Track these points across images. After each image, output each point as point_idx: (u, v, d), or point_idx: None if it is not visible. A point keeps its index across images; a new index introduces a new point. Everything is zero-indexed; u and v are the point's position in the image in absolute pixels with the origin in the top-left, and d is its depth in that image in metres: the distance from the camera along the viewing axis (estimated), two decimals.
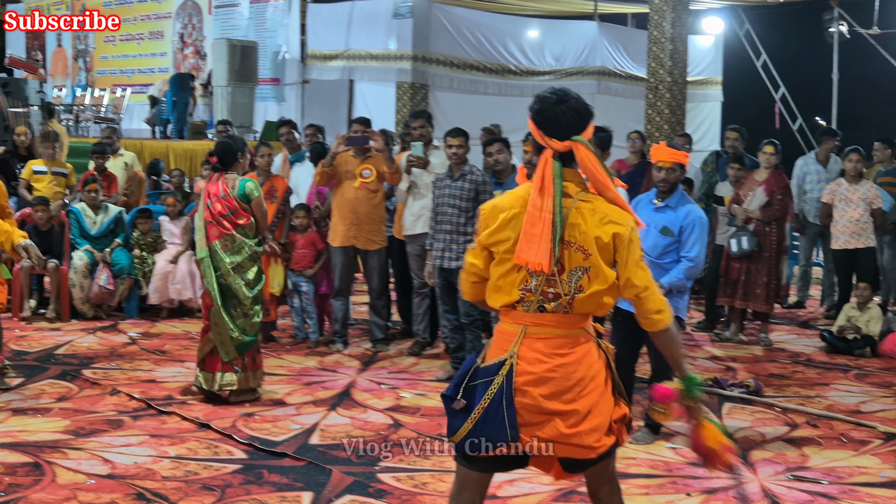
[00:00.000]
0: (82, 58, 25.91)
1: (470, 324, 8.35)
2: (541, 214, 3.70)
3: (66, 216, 11.05)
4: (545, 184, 3.71)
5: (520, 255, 3.73)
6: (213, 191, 7.74)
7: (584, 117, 3.79)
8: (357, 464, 6.21)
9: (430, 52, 19.13)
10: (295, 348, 9.57)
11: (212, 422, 6.99)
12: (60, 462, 6.09)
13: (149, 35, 23.55)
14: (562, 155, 3.76)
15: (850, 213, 10.52)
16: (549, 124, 3.77)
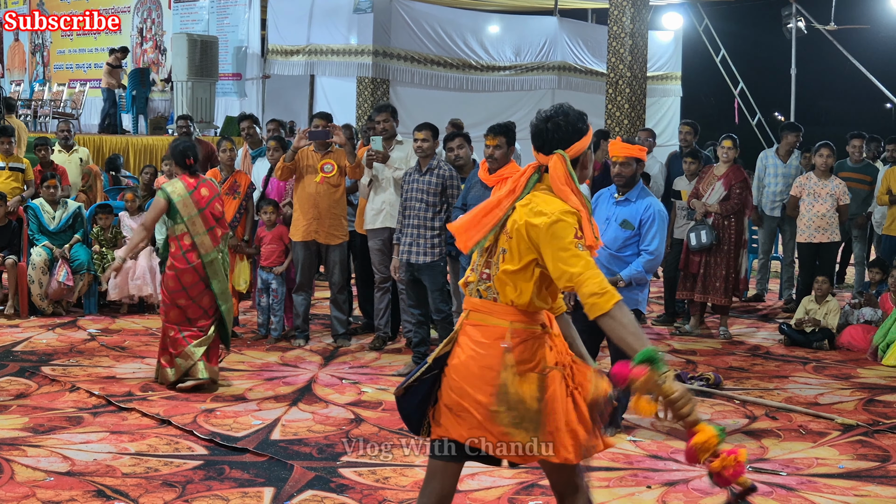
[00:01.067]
0: (39, 52, 25.67)
1: (442, 320, 8.36)
2: (495, 210, 3.92)
3: (25, 211, 10.95)
4: (516, 188, 3.91)
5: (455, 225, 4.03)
6: (205, 193, 7.83)
7: (567, 133, 3.91)
8: (318, 459, 6.19)
9: (391, 47, 19.11)
10: (256, 344, 9.53)
11: (172, 418, 6.95)
12: (19, 459, 6.03)
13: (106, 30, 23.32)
14: (546, 167, 3.91)
15: (818, 207, 10.61)
16: (536, 138, 3.95)
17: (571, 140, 3.90)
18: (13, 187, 11.52)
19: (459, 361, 3.89)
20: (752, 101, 23.63)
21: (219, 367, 7.97)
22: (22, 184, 11.76)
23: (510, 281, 3.83)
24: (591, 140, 3.98)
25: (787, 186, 11.39)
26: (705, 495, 5.65)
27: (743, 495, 3.70)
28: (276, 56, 20.21)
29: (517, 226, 3.81)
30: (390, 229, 8.89)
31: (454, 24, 20.56)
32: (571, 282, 3.69)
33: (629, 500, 5.63)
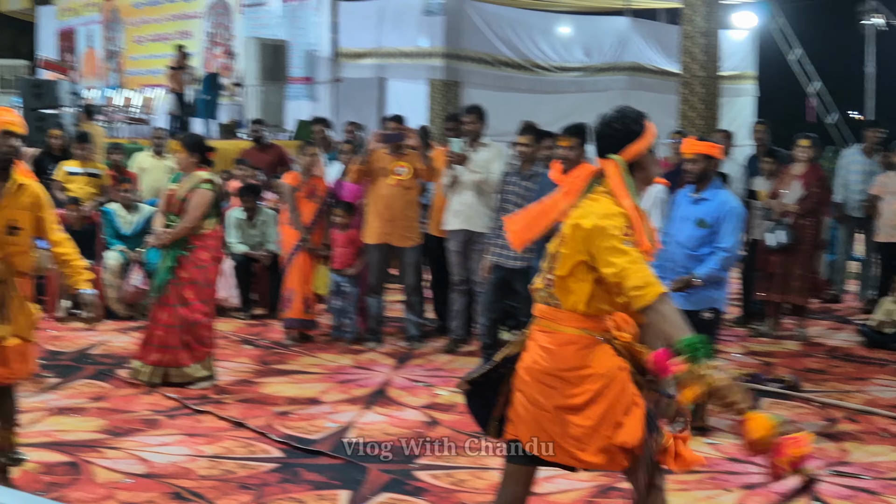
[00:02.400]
0: (113, 59, 26.05)
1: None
2: (550, 212, 4.02)
3: (100, 216, 11.10)
4: (572, 190, 3.96)
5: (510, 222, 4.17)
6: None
7: (621, 137, 3.92)
8: (394, 461, 6.20)
9: (462, 49, 19.12)
10: (329, 346, 9.57)
11: (247, 420, 7.00)
12: (97, 461, 6.11)
13: (177, 35, 23.59)
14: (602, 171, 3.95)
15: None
16: (596, 142, 4.00)
17: (625, 143, 3.91)
18: (89, 192, 11.69)
19: (528, 365, 3.94)
20: (828, 99, 23.30)
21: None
22: (98, 188, 11.93)
23: (566, 286, 3.87)
24: (651, 141, 3.95)
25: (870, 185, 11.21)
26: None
27: (806, 487, 3.64)
28: (347, 59, 20.31)
29: (568, 230, 3.86)
30: (467, 231, 8.87)
31: (524, 25, 20.53)
32: (617, 276, 3.70)
33: (709, 502, 5.56)
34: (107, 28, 26.13)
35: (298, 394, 7.84)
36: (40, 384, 7.94)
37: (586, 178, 3.94)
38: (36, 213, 5.51)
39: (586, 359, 3.84)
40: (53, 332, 10.02)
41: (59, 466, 6.02)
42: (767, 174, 10.36)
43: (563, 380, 3.85)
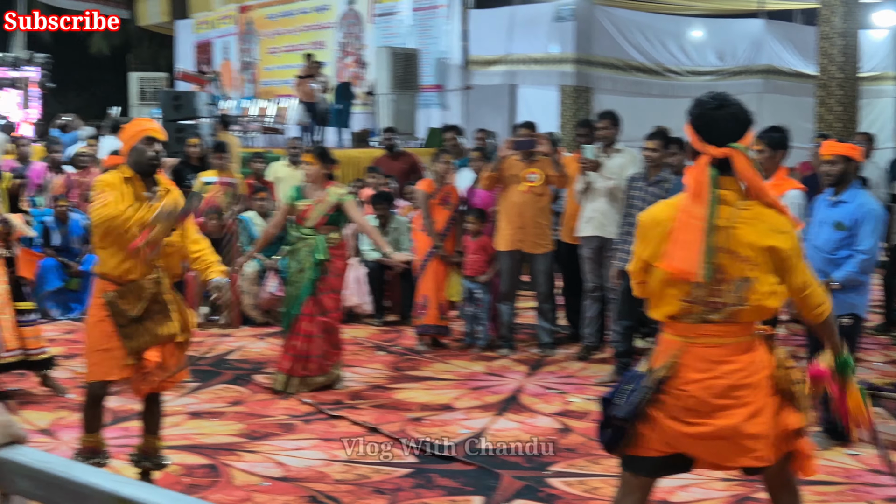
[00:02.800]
0: (248, 70, 26.62)
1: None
2: (692, 221, 3.71)
3: (237, 224, 11.34)
4: (699, 190, 3.73)
5: (667, 260, 3.74)
6: None
7: (743, 124, 3.81)
8: (527, 468, 6.20)
9: (593, 55, 19.06)
10: (462, 353, 9.61)
11: (381, 426, 7.06)
12: (236, 464, 6.24)
13: (311, 45, 23.98)
14: (719, 161, 3.76)
15: None
16: (708, 129, 3.78)
17: (744, 131, 3.81)
18: (226, 201, 11.96)
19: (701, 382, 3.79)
20: None
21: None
22: (234, 198, 12.19)
23: (764, 307, 3.77)
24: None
25: None
26: None
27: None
28: (477, 66, 20.40)
29: (759, 245, 3.71)
30: (601, 238, 8.83)
31: (656, 30, 20.37)
32: (803, 295, 3.81)
33: None
34: (242, 40, 26.72)
35: (431, 400, 7.89)
36: (180, 388, 8.15)
37: (706, 175, 3.73)
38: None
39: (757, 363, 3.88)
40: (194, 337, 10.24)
41: (199, 469, 6.17)
42: None
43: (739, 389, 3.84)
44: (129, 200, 5.52)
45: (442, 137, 12.43)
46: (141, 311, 5.52)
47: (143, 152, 5.59)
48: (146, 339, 5.55)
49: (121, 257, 5.53)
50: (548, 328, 9.57)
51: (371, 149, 18.13)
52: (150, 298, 5.54)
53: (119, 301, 5.52)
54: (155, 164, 5.65)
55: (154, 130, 5.68)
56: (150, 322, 5.56)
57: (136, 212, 5.47)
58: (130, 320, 5.51)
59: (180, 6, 29.49)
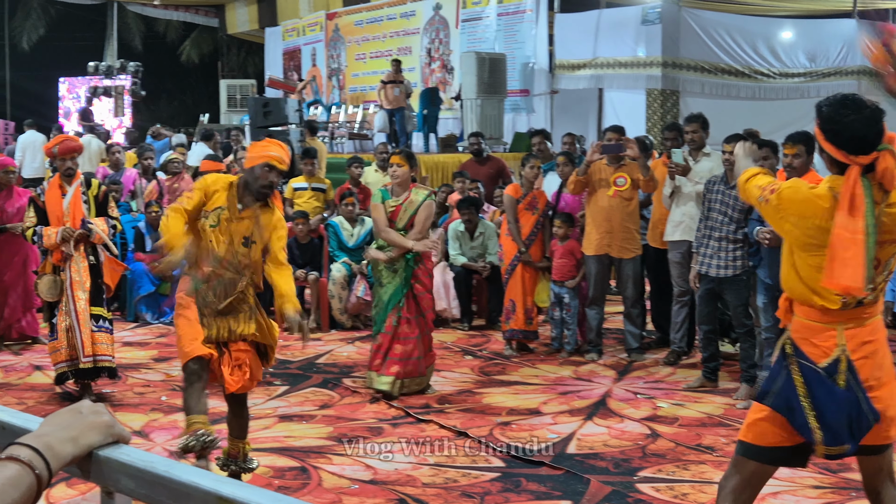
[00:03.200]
0: (335, 76, 26.85)
1: (745, 334, 8.15)
2: (854, 237, 3.70)
3: (325, 229, 11.46)
4: (856, 204, 3.70)
5: (834, 280, 3.75)
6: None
7: (880, 122, 3.79)
8: (615, 473, 6.18)
9: (680, 58, 18.92)
10: (549, 358, 9.60)
11: (469, 430, 7.08)
12: (325, 467, 6.31)
13: (397, 51, 24.12)
14: (866, 167, 3.76)
15: None
16: (852, 141, 3.75)
17: (883, 129, 3.79)
18: (315, 206, 12.10)
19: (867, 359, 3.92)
20: None
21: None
22: (323, 203, 12.33)
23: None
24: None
25: None
26: None
27: None
28: (564, 71, 20.37)
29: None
30: (690, 242, 8.76)
31: (744, 32, 20.14)
32: None
33: None
34: (329, 46, 26.96)
35: (519, 404, 7.89)
36: (270, 392, 8.27)
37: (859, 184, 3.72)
38: (275, 234, 5.77)
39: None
40: (282, 341, 10.35)
41: (289, 471, 6.25)
42: None
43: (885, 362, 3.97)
44: (220, 202, 5.62)
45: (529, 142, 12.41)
46: (225, 306, 5.64)
47: (258, 179, 5.60)
48: (223, 332, 5.68)
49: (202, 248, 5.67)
50: (636, 333, 9.53)
51: (458, 153, 18.17)
52: (237, 297, 5.65)
53: (207, 293, 5.65)
54: (266, 193, 5.65)
55: (277, 160, 5.63)
56: (233, 318, 5.69)
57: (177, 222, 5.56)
58: (215, 312, 5.64)
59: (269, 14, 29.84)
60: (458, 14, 22.49)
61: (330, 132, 21.89)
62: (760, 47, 20.23)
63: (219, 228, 5.61)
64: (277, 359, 9.42)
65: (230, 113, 25.96)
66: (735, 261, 8.05)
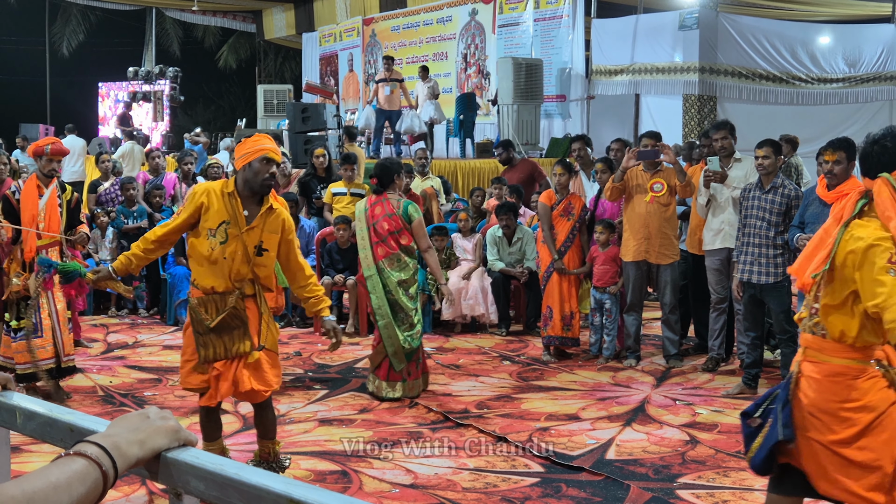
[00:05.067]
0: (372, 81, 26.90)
1: (787, 339, 8.14)
2: (825, 240, 3.94)
3: None
4: (844, 215, 3.90)
5: (793, 267, 4.12)
6: (377, 211, 8.35)
7: (893, 156, 3.85)
8: (655, 479, 6.19)
9: (718, 63, 18.87)
10: (587, 363, 9.62)
11: (508, 435, 7.11)
12: (366, 471, 6.35)
13: (433, 57, 24.16)
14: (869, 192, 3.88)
15: None
16: (863, 162, 3.94)
17: (895, 162, 3.83)
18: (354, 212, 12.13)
19: (799, 397, 3.93)
20: None
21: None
22: None
23: (833, 316, 3.82)
24: None
25: None
26: None
27: None
28: (601, 76, 20.35)
29: (840, 257, 3.79)
30: (729, 249, 8.75)
31: (782, 37, 20.06)
32: (877, 308, 3.63)
33: None
34: (366, 52, 27.03)
35: (558, 410, 7.91)
36: (310, 395, 8.33)
37: (854, 200, 3.88)
38: (284, 237, 5.78)
39: (854, 391, 3.79)
40: (320, 345, 10.42)
41: (330, 475, 6.30)
42: None
43: (831, 413, 3.81)
44: (221, 215, 5.58)
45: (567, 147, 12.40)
46: (216, 323, 5.58)
47: (259, 173, 5.55)
48: (219, 351, 5.64)
49: (204, 269, 5.64)
50: (674, 339, 9.52)
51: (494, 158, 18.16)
52: (229, 312, 5.59)
53: (200, 309, 5.62)
54: (268, 186, 5.62)
55: (272, 151, 5.60)
56: (227, 336, 5.62)
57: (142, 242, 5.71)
58: (207, 329, 5.61)
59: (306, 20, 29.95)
60: (494, 19, 22.50)
61: (367, 137, 21.93)
62: (799, 52, 20.14)
63: (227, 243, 5.56)
64: (316, 363, 9.54)
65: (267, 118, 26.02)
66: (776, 267, 8.05)
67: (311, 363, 9.66)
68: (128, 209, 12.28)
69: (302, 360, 9.75)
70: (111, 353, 10.12)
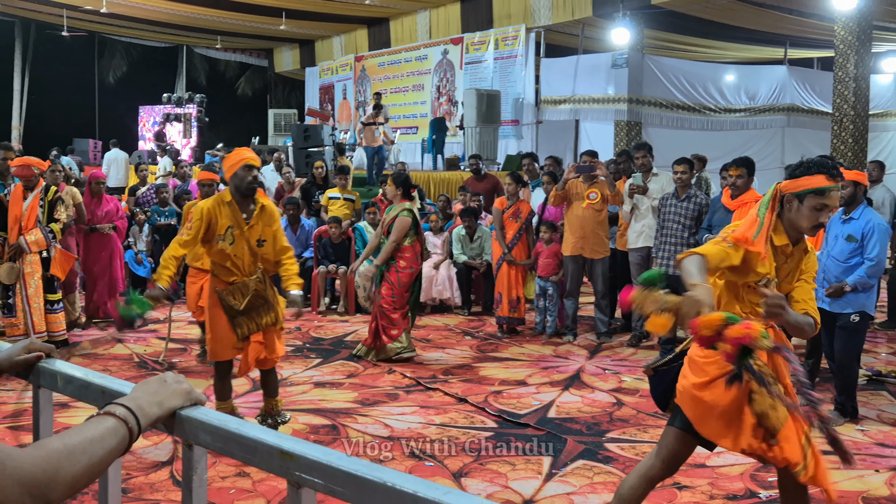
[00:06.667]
0: (362, 107, 26.82)
1: None
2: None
3: (353, 232, 11.47)
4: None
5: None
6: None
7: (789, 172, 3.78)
8: (587, 434, 6.18)
9: (643, 96, 18.92)
10: (533, 339, 9.61)
11: (468, 397, 7.09)
12: (352, 425, 6.31)
13: (412, 88, 24.13)
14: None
15: None
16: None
17: (789, 178, 3.74)
18: (345, 213, 12.11)
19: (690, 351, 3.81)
20: None
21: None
22: (352, 211, 12.33)
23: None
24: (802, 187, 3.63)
25: None
26: None
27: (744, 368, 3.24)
28: (547, 105, 20.36)
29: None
30: (649, 247, 8.78)
31: (696, 75, 20.15)
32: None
33: (860, 481, 5.33)
34: (357, 83, 26.95)
35: (509, 376, 7.89)
36: (307, 363, 8.28)
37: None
38: (273, 227, 5.77)
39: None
40: (317, 322, 10.39)
41: (322, 428, 6.25)
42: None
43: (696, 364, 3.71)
44: (226, 221, 5.59)
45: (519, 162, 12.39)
46: (245, 305, 5.60)
47: (243, 178, 5.57)
48: (252, 327, 5.66)
49: (221, 266, 5.65)
50: (604, 320, 9.54)
51: (460, 171, 18.16)
52: (253, 294, 5.61)
53: (228, 297, 5.62)
54: (253, 188, 5.63)
55: (252, 159, 5.62)
56: (255, 313, 5.65)
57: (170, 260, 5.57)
58: (238, 312, 5.62)
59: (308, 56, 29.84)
60: (462, 58, 22.48)
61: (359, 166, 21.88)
62: (709, 87, 20.23)
63: (236, 244, 5.59)
64: (313, 336, 9.49)
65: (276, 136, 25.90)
66: None
67: (309, 337, 9.62)
68: (161, 209, 12.19)
69: (301, 335, 9.71)
70: (145, 327, 10.04)
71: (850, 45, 15.45)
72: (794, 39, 21.79)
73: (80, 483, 1.39)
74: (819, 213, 3.63)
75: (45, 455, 1.35)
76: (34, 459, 1.33)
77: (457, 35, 22.69)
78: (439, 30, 23.42)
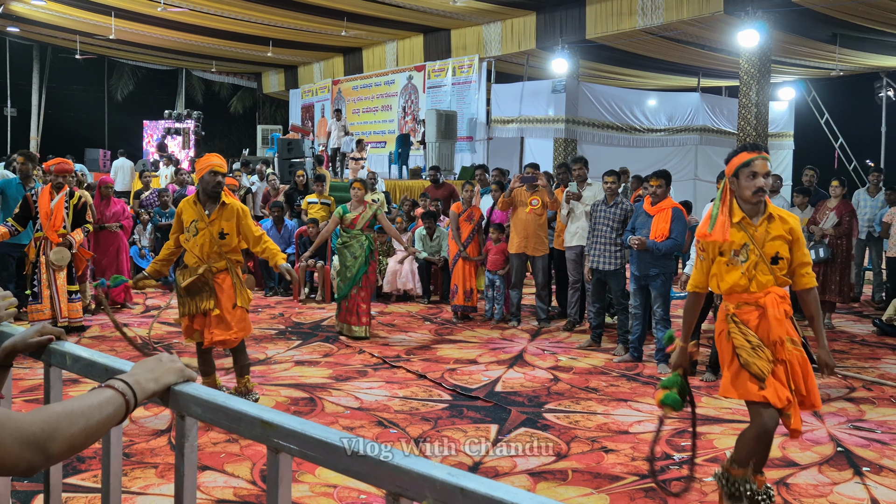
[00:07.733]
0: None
1: (623, 309, 8.19)
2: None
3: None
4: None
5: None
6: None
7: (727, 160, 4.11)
8: (528, 406, 6.21)
9: (578, 117, 18.98)
10: (483, 324, 9.62)
11: (427, 373, 7.10)
12: (327, 398, 6.30)
13: (381, 108, 24.04)
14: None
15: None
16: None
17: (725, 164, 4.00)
18: (322, 215, 12.03)
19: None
20: (849, 152, 22.34)
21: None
22: (328, 213, 12.26)
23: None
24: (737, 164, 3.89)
25: (874, 215, 10.71)
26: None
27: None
28: (497, 124, 20.35)
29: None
30: (582, 246, 8.82)
31: (623, 100, 20.23)
32: None
33: None
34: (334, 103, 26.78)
35: (462, 356, 7.90)
36: (289, 344, 8.23)
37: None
38: (238, 222, 5.72)
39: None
40: (297, 309, 10.33)
41: (301, 400, 6.23)
42: (800, 206, 10.02)
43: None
44: (191, 216, 5.68)
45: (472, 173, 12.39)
46: (186, 284, 5.60)
47: (209, 182, 5.62)
48: (192, 308, 5.66)
49: (187, 253, 5.76)
50: (544, 308, 9.57)
51: (422, 180, 18.12)
52: (197, 278, 5.60)
53: (179, 277, 5.70)
54: (217, 191, 5.65)
55: (218, 166, 5.64)
56: (198, 297, 5.65)
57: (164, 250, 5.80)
58: (185, 291, 5.64)
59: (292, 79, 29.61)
60: (424, 83, 22.42)
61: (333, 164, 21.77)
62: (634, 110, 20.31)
63: (198, 235, 5.64)
64: (294, 321, 9.43)
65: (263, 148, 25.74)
66: (616, 259, 8.15)
67: (290, 322, 9.55)
68: (162, 210, 12.04)
69: (284, 319, 9.65)
70: (148, 312, 9.92)
71: (752, 76, 15.62)
72: (706, 70, 21.99)
73: (77, 441, 1.39)
74: (753, 180, 3.85)
75: (44, 416, 1.35)
76: (33, 419, 1.33)
77: (420, 63, 22.64)
78: (405, 58, 23.35)
